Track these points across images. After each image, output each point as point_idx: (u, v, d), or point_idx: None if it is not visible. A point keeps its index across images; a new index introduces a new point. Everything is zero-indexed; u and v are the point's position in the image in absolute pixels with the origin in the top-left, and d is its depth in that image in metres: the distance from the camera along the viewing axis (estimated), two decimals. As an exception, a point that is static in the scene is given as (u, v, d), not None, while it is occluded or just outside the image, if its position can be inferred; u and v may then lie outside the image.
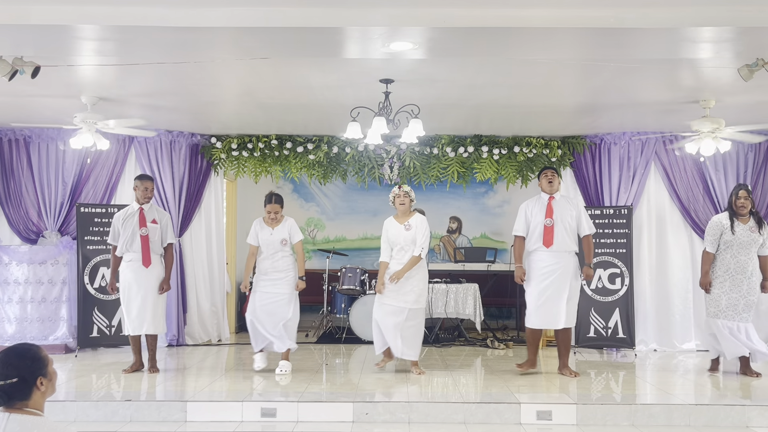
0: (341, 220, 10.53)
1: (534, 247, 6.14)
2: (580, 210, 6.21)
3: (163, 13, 4.13)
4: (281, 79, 5.96)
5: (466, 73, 5.73)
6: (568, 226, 6.08)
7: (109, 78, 5.85)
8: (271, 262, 6.29)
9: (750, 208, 6.08)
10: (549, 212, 6.09)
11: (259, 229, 6.35)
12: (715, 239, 6.11)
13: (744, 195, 6.07)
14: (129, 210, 6.39)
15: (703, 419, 4.86)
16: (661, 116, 7.14)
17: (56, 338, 7.51)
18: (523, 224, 6.22)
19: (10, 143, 7.93)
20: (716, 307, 6.06)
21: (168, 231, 6.44)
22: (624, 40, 4.52)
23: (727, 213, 6.17)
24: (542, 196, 6.23)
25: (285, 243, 6.31)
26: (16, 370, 2.36)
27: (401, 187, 6.29)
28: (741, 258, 6.01)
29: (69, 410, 4.94)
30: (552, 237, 6.04)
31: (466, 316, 8.36)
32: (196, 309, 8.20)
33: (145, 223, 6.29)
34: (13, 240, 7.91)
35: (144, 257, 6.24)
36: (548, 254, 6.05)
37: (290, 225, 6.37)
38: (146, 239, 6.26)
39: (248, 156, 8.23)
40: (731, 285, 6.01)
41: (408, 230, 6.21)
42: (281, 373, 6.17)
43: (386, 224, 6.35)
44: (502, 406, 4.96)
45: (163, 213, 6.53)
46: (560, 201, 6.18)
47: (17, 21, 4.12)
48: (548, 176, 6.19)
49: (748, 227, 6.04)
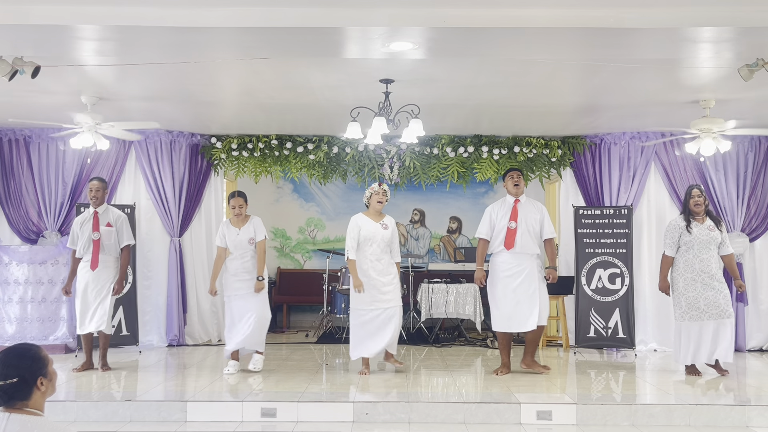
0: (341, 220, 10.50)
1: (497, 249, 6.18)
2: (544, 214, 6.27)
3: (163, 13, 4.13)
4: (281, 79, 5.96)
5: (466, 73, 5.73)
6: (531, 229, 6.13)
7: (109, 78, 5.85)
8: (240, 262, 6.30)
9: (705, 207, 6.13)
10: (514, 215, 6.14)
11: (226, 231, 6.36)
12: (674, 242, 6.13)
13: (697, 194, 6.12)
14: (86, 214, 6.47)
15: (703, 419, 4.86)
16: (661, 116, 7.14)
17: (56, 338, 7.51)
18: (487, 227, 6.25)
19: (10, 143, 7.93)
20: (696, 310, 6.01)
21: (124, 233, 6.45)
22: (624, 40, 4.52)
23: (682, 215, 6.20)
24: (508, 198, 6.28)
25: (252, 242, 6.32)
26: (16, 370, 2.36)
27: (381, 185, 6.30)
28: (704, 257, 6.03)
29: (69, 410, 4.94)
30: (514, 240, 6.09)
31: (466, 316, 8.36)
32: (196, 309, 8.20)
33: (98, 227, 6.33)
34: (13, 240, 7.91)
35: (92, 260, 6.30)
36: (510, 256, 6.10)
37: (256, 223, 6.38)
38: (97, 243, 6.31)
39: (248, 156, 8.23)
40: (702, 285, 6.01)
41: (385, 229, 6.24)
42: (254, 369, 6.23)
43: (358, 221, 6.27)
44: (502, 406, 4.96)
45: (119, 215, 6.53)
46: (525, 204, 6.23)
47: (17, 21, 4.13)
48: (514, 178, 6.22)
49: (705, 226, 6.07)
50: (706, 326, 6.01)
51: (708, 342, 6.03)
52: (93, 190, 6.39)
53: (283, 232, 10.61)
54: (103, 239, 6.33)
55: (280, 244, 10.59)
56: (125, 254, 6.48)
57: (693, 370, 6.16)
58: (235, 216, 6.34)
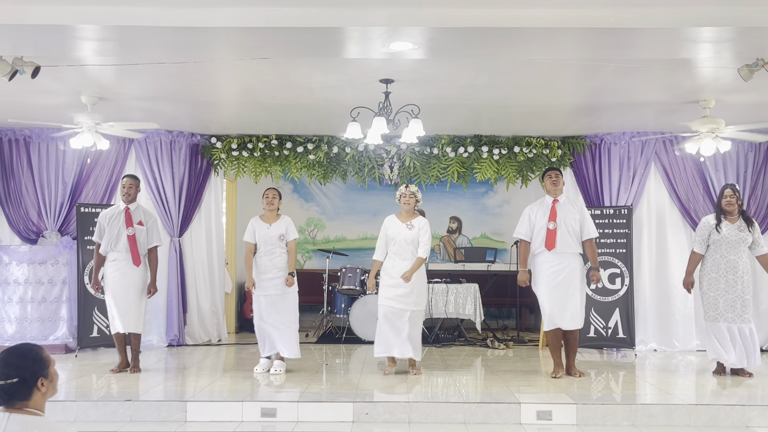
0: (341, 220, 10.53)
1: (538, 250, 6.14)
2: (584, 213, 6.18)
3: (163, 13, 4.13)
4: (281, 79, 5.96)
5: (466, 73, 5.73)
6: (571, 229, 6.07)
7: (109, 78, 5.85)
8: (269, 258, 6.29)
9: (738, 207, 6.10)
10: (553, 215, 6.08)
11: (256, 226, 6.36)
12: (704, 239, 6.13)
13: (730, 194, 6.09)
14: (115, 209, 6.37)
15: (703, 419, 4.86)
16: (661, 116, 7.14)
17: (56, 338, 7.51)
18: (526, 228, 6.20)
19: (10, 143, 7.93)
20: (715, 310, 6.04)
21: (153, 233, 6.40)
22: (624, 40, 4.52)
23: (714, 213, 6.20)
24: (546, 198, 6.22)
25: (282, 238, 6.32)
26: (17, 371, 2.36)
27: (408, 187, 6.27)
28: (731, 257, 6.01)
29: (69, 410, 4.94)
30: (554, 240, 6.03)
31: (466, 316, 8.36)
32: (196, 309, 8.20)
33: (132, 223, 6.26)
34: (13, 240, 7.91)
35: (134, 257, 6.22)
36: (552, 256, 6.05)
37: (288, 222, 6.40)
38: (133, 239, 6.22)
39: (248, 156, 8.23)
40: (726, 286, 6.01)
41: (410, 230, 6.20)
42: (276, 373, 6.21)
43: (387, 221, 6.33)
44: (502, 406, 4.96)
45: (150, 215, 6.49)
46: (564, 204, 6.16)
47: (17, 21, 4.13)
48: (552, 177, 6.17)
49: (736, 227, 6.06)
50: (725, 328, 6.00)
51: (728, 345, 6.01)
52: (126, 186, 6.32)
53: (283, 232, 10.60)
54: (136, 236, 6.25)
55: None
56: (155, 255, 6.41)
57: (720, 369, 6.17)
58: (268, 207, 6.33)
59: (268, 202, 6.34)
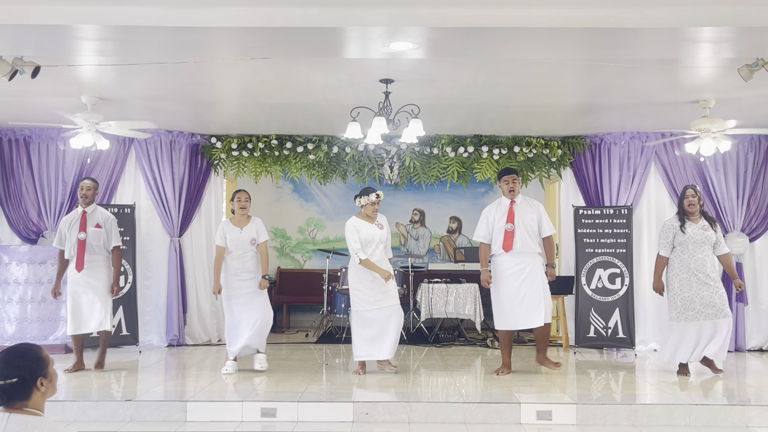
0: (341, 220, 10.36)
1: (497, 251, 6.18)
2: (541, 212, 6.25)
3: (163, 13, 4.13)
4: (281, 79, 5.96)
5: (466, 73, 5.73)
6: (529, 229, 6.12)
7: (109, 78, 5.85)
8: (240, 262, 6.28)
9: (699, 207, 6.13)
10: (510, 217, 6.13)
11: (227, 229, 6.35)
12: (668, 242, 6.14)
13: (692, 194, 6.12)
14: (74, 214, 6.41)
15: (703, 419, 4.86)
16: (661, 116, 7.14)
17: (56, 338, 7.50)
18: (485, 230, 6.25)
19: (10, 143, 7.93)
20: (692, 310, 6.01)
21: (113, 235, 6.40)
22: (624, 40, 4.52)
23: (677, 215, 6.21)
24: (503, 200, 6.26)
25: (254, 242, 6.32)
26: (16, 370, 2.36)
27: (379, 196, 6.28)
28: (698, 256, 6.03)
29: (69, 410, 4.94)
30: (512, 241, 6.08)
31: (466, 316, 8.36)
32: (196, 309, 8.20)
33: (85, 228, 6.28)
34: (13, 240, 7.91)
35: (78, 261, 6.25)
36: (509, 257, 6.09)
37: (258, 224, 6.39)
38: (83, 243, 6.25)
39: (248, 156, 8.23)
40: (698, 284, 6.00)
41: (381, 229, 6.30)
42: (262, 369, 6.23)
43: (356, 224, 6.29)
44: (502, 406, 4.96)
45: (108, 216, 6.48)
46: (521, 205, 6.20)
47: (17, 21, 4.13)
48: (509, 183, 6.20)
49: (699, 226, 6.08)
50: (703, 326, 6.01)
51: (704, 342, 6.03)
52: (84, 189, 6.35)
53: (283, 232, 10.60)
54: (90, 240, 6.28)
55: (280, 244, 10.58)
56: (116, 256, 6.43)
57: (684, 370, 6.17)
58: (240, 210, 6.32)
59: (241, 205, 6.31)
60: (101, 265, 6.36)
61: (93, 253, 6.32)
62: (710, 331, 6.00)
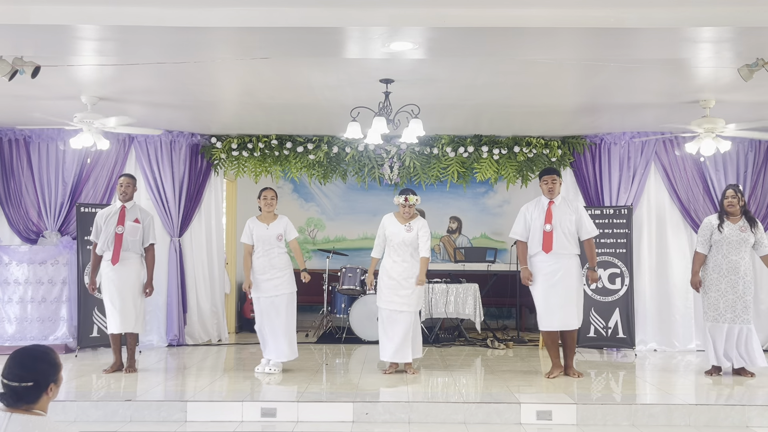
0: (341, 220, 10.52)
1: (534, 251, 6.13)
2: (581, 213, 6.16)
3: (163, 13, 4.13)
4: (281, 79, 5.96)
5: (466, 73, 5.73)
6: (567, 231, 6.05)
7: (109, 78, 5.85)
8: (267, 259, 6.27)
9: (740, 207, 6.09)
10: (548, 217, 6.06)
11: (253, 227, 6.34)
12: (706, 240, 6.13)
13: (731, 194, 6.09)
14: (112, 208, 6.39)
15: (703, 419, 4.86)
16: (661, 116, 7.14)
17: (56, 338, 7.51)
18: (522, 228, 6.20)
19: (10, 143, 7.93)
20: (715, 311, 6.04)
21: (150, 231, 6.40)
22: (624, 40, 4.52)
23: (717, 213, 6.21)
24: (542, 199, 6.21)
25: (281, 238, 6.31)
26: (33, 374, 2.35)
27: (408, 200, 6.24)
28: (732, 258, 6.01)
29: (69, 410, 4.94)
30: (551, 242, 6.02)
31: (466, 316, 8.36)
32: (196, 309, 8.20)
33: (123, 222, 6.26)
34: (13, 240, 7.91)
35: (114, 255, 6.19)
36: (548, 257, 6.05)
37: (286, 222, 6.40)
38: (120, 237, 6.22)
39: (248, 156, 8.23)
40: (727, 286, 6.00)
41: (409, 232, 6.23)
42: (271, 372, 6.22)
43: (386, 220, 6.35)
44: (502, 406, 4.96)
45: (147, 213, 6.50)
46: (560, 205, 6.14)
47: (17, 21, 4.13)
48: (548, 183, 6.13)
49: (737, 227, 6.05)
50: (724, 329, 6.00)
51: (728, 345, 6.02)
52: (123, 185, 6.35)
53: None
54: (127, 235, 6.23)
55: (280, 244, 10.59)
56: (151, 254, 6.41)
57: (714, 369, 6.16)
58: (266, 208, 6.32)
59: (267, 203, 6.32)
60: (135, 263, 6.30)
61: (127, 249, 6.25)
62: (731, 336, 6.00)
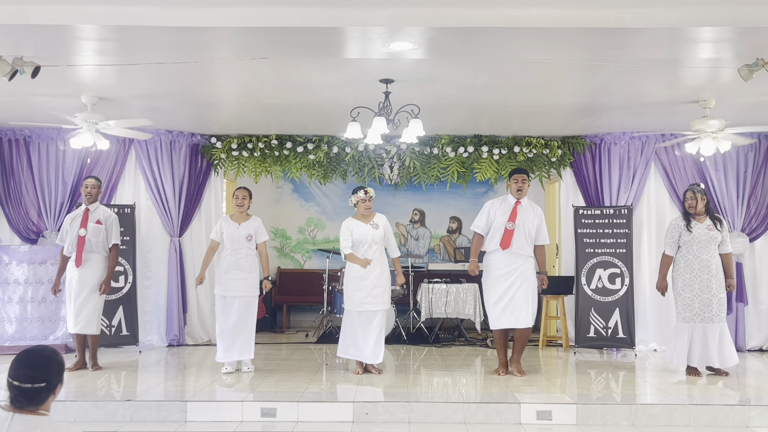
0: (341, 220, 10.30)
1: (492, 248, 6.17)
2: (542, 220, 6.25)
3: (163, 13, 4.13)
4: (281, 79, 5.96)
5: (466, 73, 5.73)
6: (527, 233, 6.12)
7: (109, 78, 5.85)
8: (234, 259, 6.25)
9: (701, 207, 6.12)
10: (513, 216, 6.11)
11: (224, 224, 6.35)
12: (674, 241, 6.15)
13: (690, 196, 6.15)
14: (77, 212, 6.46)
15: (703, 419, 4.86)
16: (661, 116, 7.14)
17: (56, 338, 7.50)
18: (484, 222, 6.25)
19: (10, 143, 7.93)
20: (690, 311, 6.03)
21: (112, 232, 6.42)
22: (624, 40, 4.52)
23: (682, 214, 6.22)
24: (509, 198, 6.26)
25: (250, 239, 6.30)
26: (46, 375, 2.35)
27: (368, 192, 6.30)
28: (703, 257, 6.03)
29: (69, 410, 4.94)
30: (510, 240, 6.07)
31: (466, 316, 8.36)
32: (196, 309, 8.20)
33: (86, 224, 6.31)
34: (13, 240, 7.91)
35: (77, 257, 6.27)
36: (504, 255, 6.09)
37: (258, 224, 6.39)
38: (83, 240, 6.28)
39: (248, 156, 8.23)
40: (700, 286, 6.01)
41: (376, 229, 6.27)
42: (248, 371, 6.24)
43: (350, 225, 6.33)
44: (502, 406, 4.96)
45: (110, 214, 6.52)
46: (526, 207, 6.20)
47: (17, 21, 4.13)
48: (518, 183, 6.18)
49: (705, 226, 6.08)
50: (698, 329, 6.02)
51: (700, 345, 6.03)
52: (88, 187, 6.40)
53: (283, 232, 10.60)
54: (90, 236, 6.30)
55: (280, 244, 10.58)
56: (113, 254, 6.45)
57: (693, 370, 6.16)
58: (238, 207, 6.32)
59: (238, 203, 6.33)
60: (98, 264, 6.37)
61: (91, 251, 6.32)
62: (705, 335, 6.02)
